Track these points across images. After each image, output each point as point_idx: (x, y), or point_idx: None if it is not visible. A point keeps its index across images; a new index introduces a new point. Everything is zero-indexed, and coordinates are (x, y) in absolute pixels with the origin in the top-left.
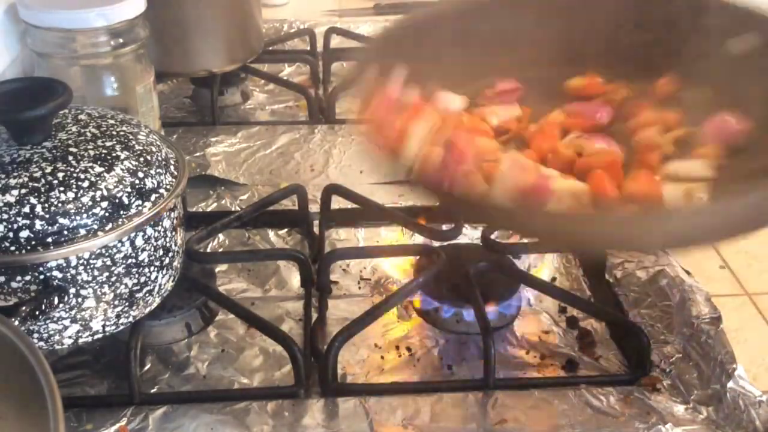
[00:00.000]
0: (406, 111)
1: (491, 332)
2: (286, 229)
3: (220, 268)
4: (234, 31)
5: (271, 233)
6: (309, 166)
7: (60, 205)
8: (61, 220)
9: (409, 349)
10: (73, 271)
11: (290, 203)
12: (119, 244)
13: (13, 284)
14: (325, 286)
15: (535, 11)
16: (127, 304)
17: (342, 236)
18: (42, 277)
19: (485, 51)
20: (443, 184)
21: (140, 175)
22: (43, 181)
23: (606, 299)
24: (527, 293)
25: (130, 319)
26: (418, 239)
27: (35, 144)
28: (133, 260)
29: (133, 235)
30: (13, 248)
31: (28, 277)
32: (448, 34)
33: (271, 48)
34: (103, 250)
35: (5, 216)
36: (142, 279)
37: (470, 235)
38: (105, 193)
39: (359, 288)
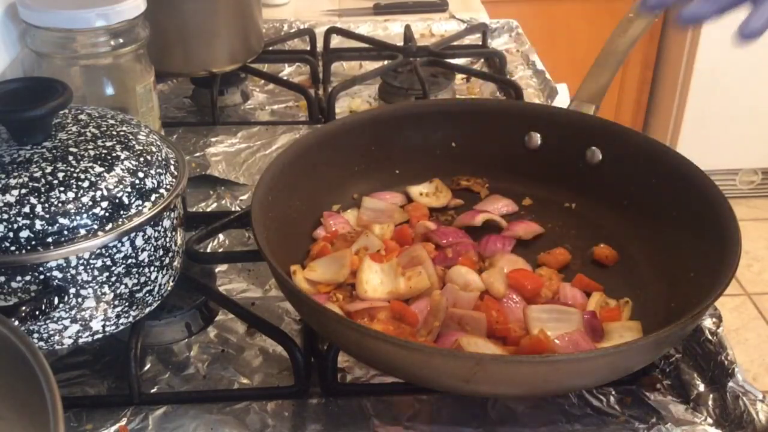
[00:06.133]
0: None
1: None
2: None
3: (220, 268)
4: (234, 31)
5: None
6: None
7: (60, 205)
8: (61, 220)
9: None
10: (73, 271)
11: None
12: (119, 244)
13: (13, 284)
14: None
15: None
16: (127, 304)
17: None
18: (42, 277)
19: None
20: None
21: (140, 175)
22: (43, 181)
23: None
24: None
25: (130, 319)
26: None
27: (35, 144)
28: (133, 260)
29: (133, 235)
30: (13, 248)
31: (28, 277)
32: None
33: (271, 48)
34: (103, 250)
35: (5, 216)
36: (142, 279)
37: None
38: (105, 193)
39: None
